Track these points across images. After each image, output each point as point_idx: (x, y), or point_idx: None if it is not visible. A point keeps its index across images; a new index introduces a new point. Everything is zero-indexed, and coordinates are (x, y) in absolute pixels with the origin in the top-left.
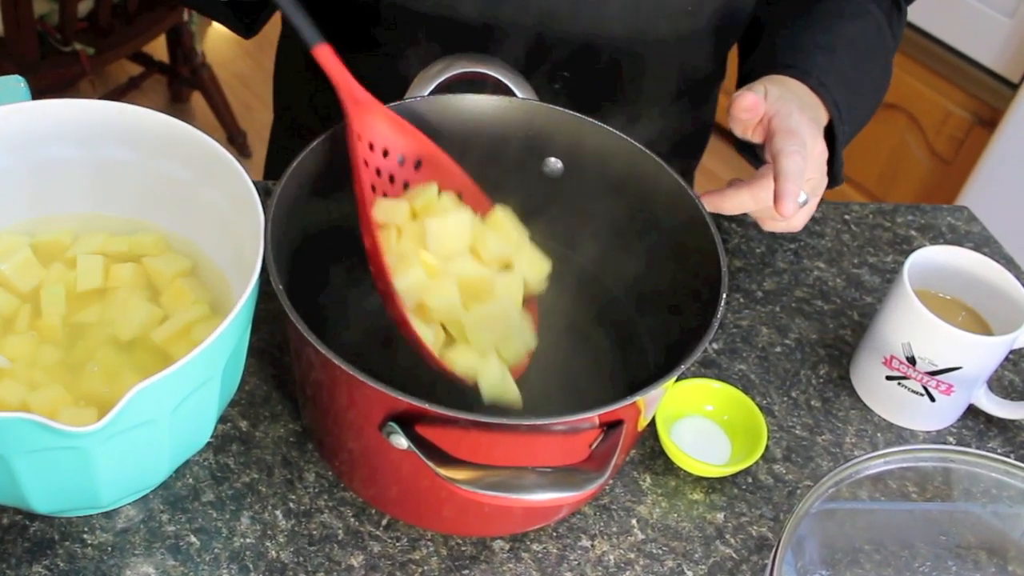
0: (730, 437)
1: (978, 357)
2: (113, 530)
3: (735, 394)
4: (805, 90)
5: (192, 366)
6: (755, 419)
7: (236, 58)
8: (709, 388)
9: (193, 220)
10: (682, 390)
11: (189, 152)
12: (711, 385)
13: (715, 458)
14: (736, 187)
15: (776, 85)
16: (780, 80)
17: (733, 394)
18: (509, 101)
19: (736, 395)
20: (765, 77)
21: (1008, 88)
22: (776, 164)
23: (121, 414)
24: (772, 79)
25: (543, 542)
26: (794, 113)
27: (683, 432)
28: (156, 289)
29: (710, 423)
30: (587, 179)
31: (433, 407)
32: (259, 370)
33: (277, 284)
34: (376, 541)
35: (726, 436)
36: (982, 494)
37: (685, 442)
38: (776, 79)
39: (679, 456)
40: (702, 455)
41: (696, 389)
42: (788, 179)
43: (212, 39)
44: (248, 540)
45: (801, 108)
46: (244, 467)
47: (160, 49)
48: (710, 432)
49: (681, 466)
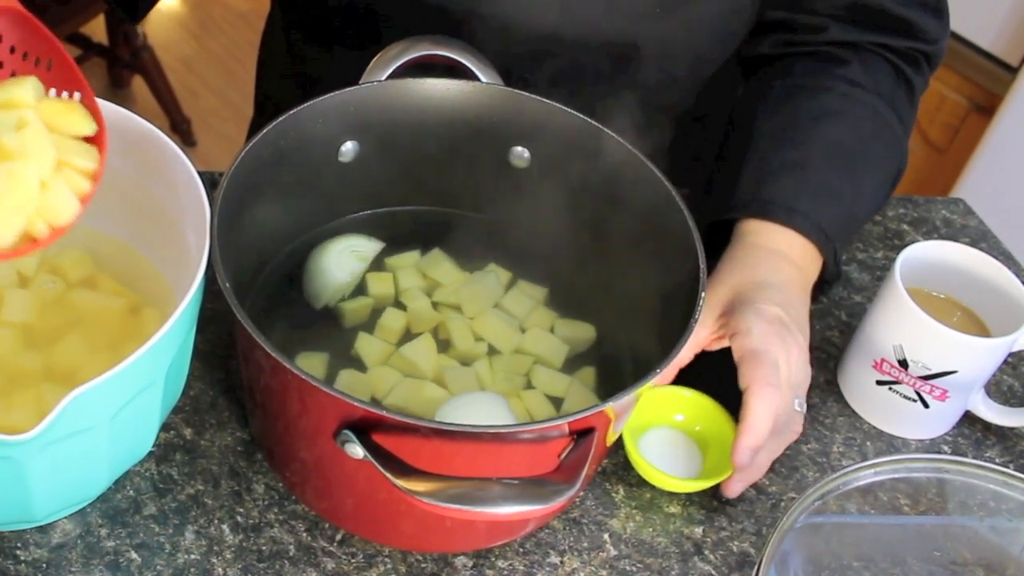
0: (701, 449)
1: (975, 360)
2: (48, 546)
3: (706, 403)
4: (767, 238)
5: (133, 370)
6: (728, 430)
7: (180, 40)
8: (680, 396)
9: (130, 214)
10: (651, 398)
11: (128, 140)
12: (682, 393)
13: (686, 471)
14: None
15: (713, 299)
16: (728, 259)
17: (704, 403)
18: (472, 86)
19: (707, 404)
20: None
21: (1007, 72)
22: (744, 407)
23: (56, 422)
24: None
25: (509, 558)
26: (754, 326)
27: (651, 443)
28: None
29: (680, 434)
30: (555, 169)
31: (391, 414)
32: (205, 374)
33: (224, 282)
34: (330, 557)
35: (697, 448)
36: (979, 507)
37: (653, 454)
38: (720, 268)
39: (647, 470)
40: (672, 468)
41: (666, 397)
42: (750, 430)
43: (154, 20)
44: (193, 556)
45: (758, 312)
46: (188, 478)
47: (99, 30)
48: (681, 443)
49: (650, 481)
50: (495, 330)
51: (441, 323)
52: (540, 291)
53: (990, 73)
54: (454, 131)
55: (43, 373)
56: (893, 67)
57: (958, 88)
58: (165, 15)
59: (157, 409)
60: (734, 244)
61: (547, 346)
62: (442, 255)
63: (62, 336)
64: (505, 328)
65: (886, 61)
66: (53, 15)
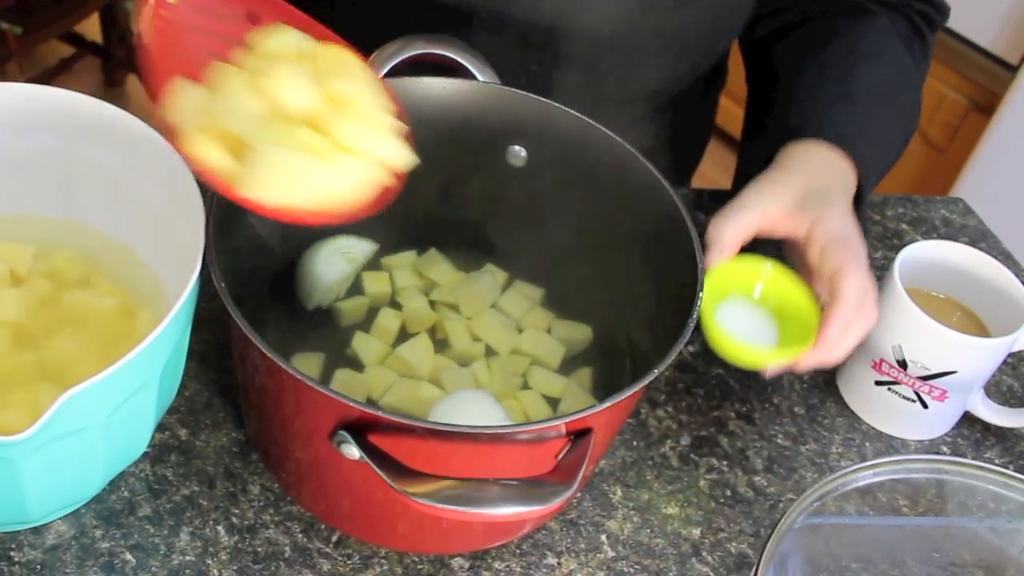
0: (777, 323)
1: (974, 360)
2: (42, 547)
3: (785, 277)
4: (824, 154)
5: (128, 370)
6: (806, 305)
7: None
8: (757, 268)
9: (125, 214)
10: (727, 270)
11: (123, 139)
12: (760, 265)
13: (761, 343)
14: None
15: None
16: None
17: (783, 277)
18: (469, 85)
19: (786, 278)
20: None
21: (1006, 71)
22: (836, 284)
23: (51, 422)
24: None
25: (505, 560)
26: (836, 219)
27: (726, 315)
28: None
29: (756, 307)
30: (553, 169)
31: (387, 414)
32: (200, 375)
33: (219, 282)
34: (326, 559)
35: (773, 322)
36: (978, 508)
37: (728, 325)
38: (784, 165)
39: (721, 341)
40: (747, 339)
41: (743, 269)
42: (843, 306)
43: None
44: (188, 558)
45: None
46: (183, 479)
47: (93, 29)
48: (756, 316)
49: (723, 353)
50: (492, 330)
51: (438, 323)
52: (537, 291)
53: (990, 72)
54: (451, 130)
55: (37, 373)
56: (912, 23)
57: (958, 87)
58: None
59: (152, 410)
60: (790, 153)
61: (544, 346)
62: (438, 255)
63: (56, 336)
64: (502, 328)
65: (907, 19)
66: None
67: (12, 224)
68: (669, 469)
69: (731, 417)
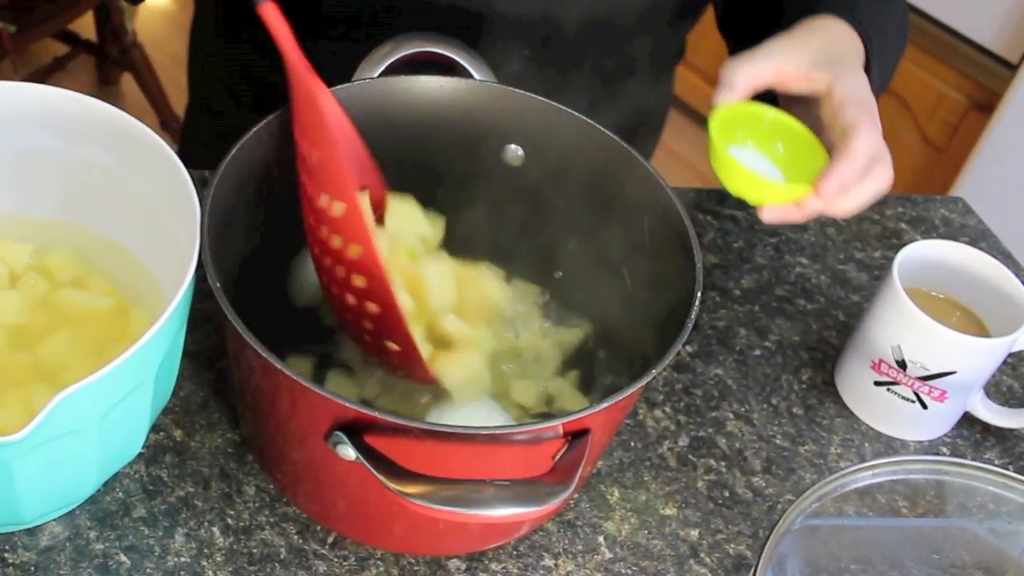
0: (783, 171)
1: (974, 361)
2: (36, 548)
3: (793, 124)
4: (840, 26)
5: (122, 370)
6: (813, 153)
7: (170, 37)
8: (763, 114)
9: (120, 213)
10: (735, 114)
11: (117, 138)
12: (767, 111)
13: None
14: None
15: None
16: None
17: (790, 124)
18: (465, 83)
19: (794, 125)
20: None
21: (1007, 69)
22: (846, 140)
23: (45, 423)
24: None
25: (502, 561)
26: (856, 80)
27: (734, 153)
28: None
29: (761, 154)
30: (550, 167)
31: (383, 415)
32: (195, 375)
33: (214, 282)
34: (321, 560)
35: (778, 170)
36: (978, 509)
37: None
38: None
39: (736, 171)
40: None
41: (749, 114)
42: (847, 160)
43: (144, 16)
44: (183, 559)
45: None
46: (178, 480)
47: (88, 27)
48: (762, 161)
49: (733, 188)
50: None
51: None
52: (534, 290)
53: (990, 71)
54: (447, 129)
55: (32, 374)
56: None
57: (957, 86)
58: (155, 12)
59: (147, 410)
60: (806, 23)
61: (541, 346)
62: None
63: (51, 336)
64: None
65: None
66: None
67: (7, 223)
68: (667, 470)
69: (729, 418)
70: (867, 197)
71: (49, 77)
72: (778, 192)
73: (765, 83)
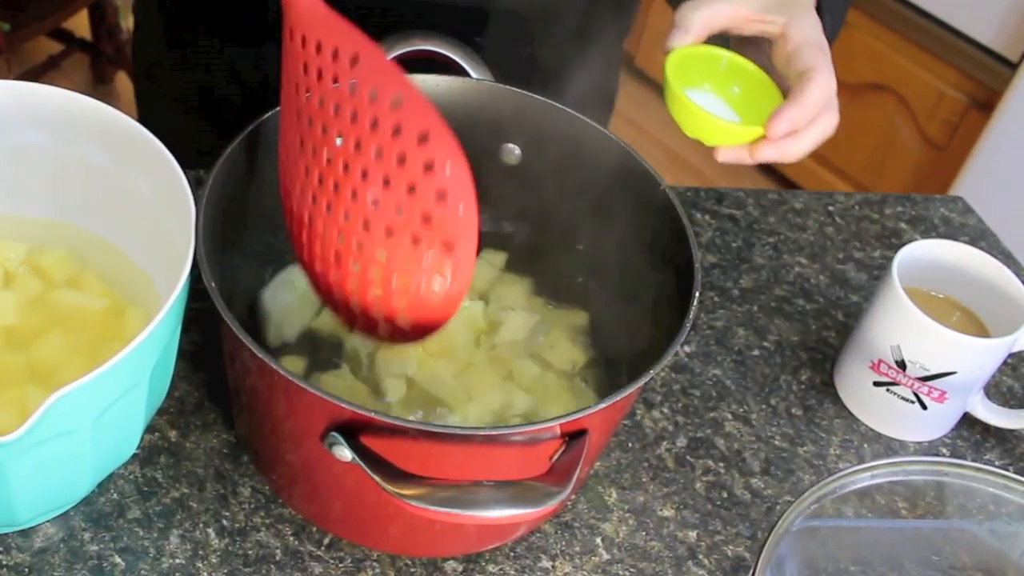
0: (738, 113)
1: (974, 361)
2: (30, 550)
3: (747, 67)
4: None
5: (117, 371)
6: (766, 94)
7: None
8: (718, 56)
9: (114, 213)
10: (688, 57)
11: (112, 137)
12: (720, 54)
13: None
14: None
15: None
16: None
17: (744, 66)
18: (463, 82)
19: (748, 68)
20: None
21: (1007, 68)
22: (802, 83)
23: (39, 423)
24: None
25: (499, 563)
26: (811, 21)
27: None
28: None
29: (717, 97)
30: (547, 167)
31: (380, 416)
32: (190, 375)
33: (209, 282)
34: (317, 562)
35: (734, 112)
36: (978, 510)
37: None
38: None
39: (696, 115)
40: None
41: (703, 57)
42: (800, 102)
43: None
44: (178, 561)
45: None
46: (173, 481)
47: (82, 25)
48: (717, 105)
49: (692, 130)
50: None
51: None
52: (530, 290)
53: (990, 69)
54: None
55: (26, 374)
56: None
57: (957, 84)
58: None
59: (141, 411)
60: None
61: (539, 346)
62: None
63: (45, 336)
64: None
65: None
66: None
67: (0, 223)
68: (665, 471)
69: (728, 418)
70: (813, 142)
71: (43, 76)
72: (734, 134)
73: (720, 26)
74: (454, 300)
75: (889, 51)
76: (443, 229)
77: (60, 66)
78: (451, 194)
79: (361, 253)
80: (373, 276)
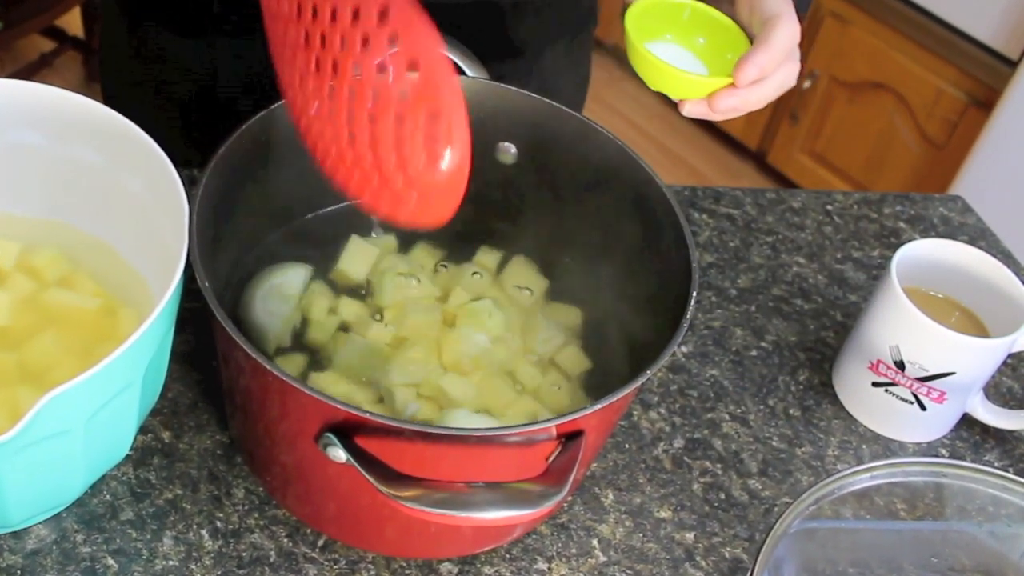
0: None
1: (973, 361)
2: (22, 552)
3: (711, 14)
4: None
5: (110, 371)
6: (732, 42)
7: None
8: (681, 5)
9: (108, 212)
10: (651, 6)
11: (105, 136)
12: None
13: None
14: None
15: None
16: None
17: (709, 14)
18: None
19: (713, 15)
20: None
21: (1006, 66)
22: (768, 28)
23: (31, 424)
24: None
25: (495, 565)
26: None
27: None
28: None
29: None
30: (544, 166)
31: (375, 416)
32: (183, 376)
33: (203, 282)
34: (312, 564)
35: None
36: (977, 512)
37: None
38: None
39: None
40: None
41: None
42: (767, 48)
43: None
44: (171, 563)
45: None
46: (166, 482)
47: (75, 23)
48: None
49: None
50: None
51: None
52: (526, 290)
53: (989, 67)
54: None
55: (18, 375)
56: None
57: (956, 83)
58: None
59: (134, 412)
60: None
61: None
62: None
63: (38, 336)
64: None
65: None
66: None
67: None
68: (662, 472)
69: (725, 419)
70: (775, 90)
71: (36, 74)
72: (700, 86)
73: None
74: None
75: (888, 49)
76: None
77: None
78: (422, 64)
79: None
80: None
